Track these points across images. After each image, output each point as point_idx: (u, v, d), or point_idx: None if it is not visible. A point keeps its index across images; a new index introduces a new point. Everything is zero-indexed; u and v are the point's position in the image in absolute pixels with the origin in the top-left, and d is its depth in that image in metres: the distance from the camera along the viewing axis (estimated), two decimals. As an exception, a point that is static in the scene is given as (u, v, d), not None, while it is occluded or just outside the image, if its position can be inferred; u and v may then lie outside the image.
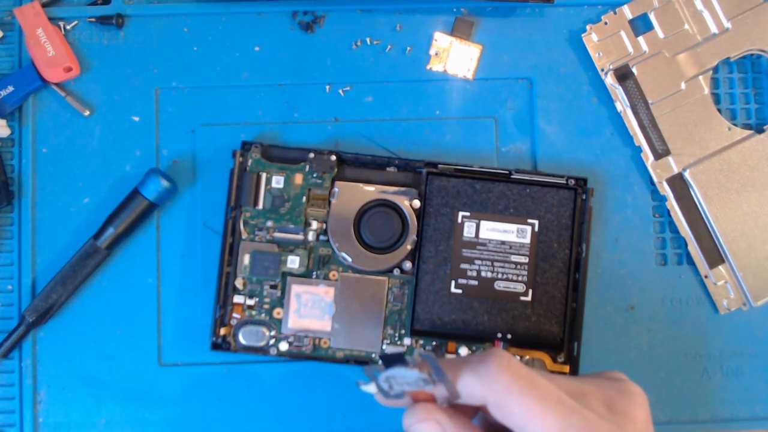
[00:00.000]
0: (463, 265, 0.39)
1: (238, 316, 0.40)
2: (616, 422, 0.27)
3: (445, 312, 0.39)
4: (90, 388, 0.40)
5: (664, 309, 0.42)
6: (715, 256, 0.41)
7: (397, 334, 0.40)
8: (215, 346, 0.39)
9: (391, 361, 0.28)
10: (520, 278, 0.39)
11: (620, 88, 0.42)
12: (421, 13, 0.43)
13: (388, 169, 0.40)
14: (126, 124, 0.42)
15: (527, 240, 0.39)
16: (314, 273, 0.40)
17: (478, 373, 0.27)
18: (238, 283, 0.40)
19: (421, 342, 0.40)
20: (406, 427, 0.29)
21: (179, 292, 0.41)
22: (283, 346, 0.39)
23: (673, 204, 0.42)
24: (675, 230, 0.42)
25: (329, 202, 0.40)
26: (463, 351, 0.39)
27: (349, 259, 0.39)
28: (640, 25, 0.42)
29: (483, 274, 0.39)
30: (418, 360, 0.28)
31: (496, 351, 0.28)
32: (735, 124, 0.42)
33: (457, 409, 0.29)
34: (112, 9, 0.42)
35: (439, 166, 0.40)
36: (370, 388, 0.29)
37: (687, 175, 0.41)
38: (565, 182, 0.40)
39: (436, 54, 0.43)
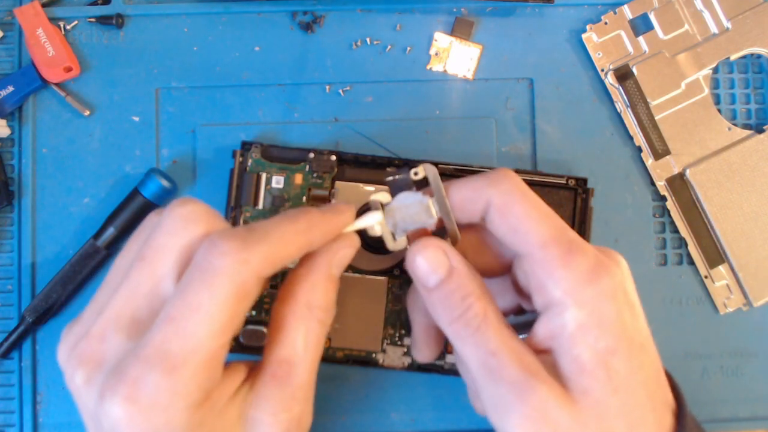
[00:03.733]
0: (463, 265, 0.39)
1: (238, 316, 0.39)
2: (604, 255, 0.28)
3: (445, 312, 0.39)
4: (90, 388, 0.40)
5: (664, 309, 0.42)
6: (715, 256, 0.41)
7: (397, 334, 0.40)
8: (215, 346, 0.39)
9: (396, 183, 0.30)
10: (520, 278, 0.39)
11: (620, 88, 0.42)
12: (421, 13, 0.43)
13: (388, 169, 0.40)
14: (126, 124, 0.42)
15: (527, 240, 0.39)
16: (314, 273, 0.40)
17: (485, 174, 0.29)
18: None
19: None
20: (409, 259, 0.29)
21: (179, 292, 0.41)
22: (283, 346, 0.39)
23: (673, 204, 0.42)
24: (675, 230, 0.42)
25: (329, 202, 0.40)
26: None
27: (349, 259, 0.39)
28: (640, 25, 0.42)
29: (483, 274, 0.39)
30: (421, 172, 0.30)
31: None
32: (735, 124, 0.42)
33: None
34: (112, 9, 0.42)
35: (439, 166, 0.40)
36: (377, 227, 0.30)
37: (687, 175, 0.41)
38: (565, 182, 0.40)
39: (436, 54, 0.43)
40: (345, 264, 0.29)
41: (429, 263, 0.29)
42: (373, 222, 0.30)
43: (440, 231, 0.30)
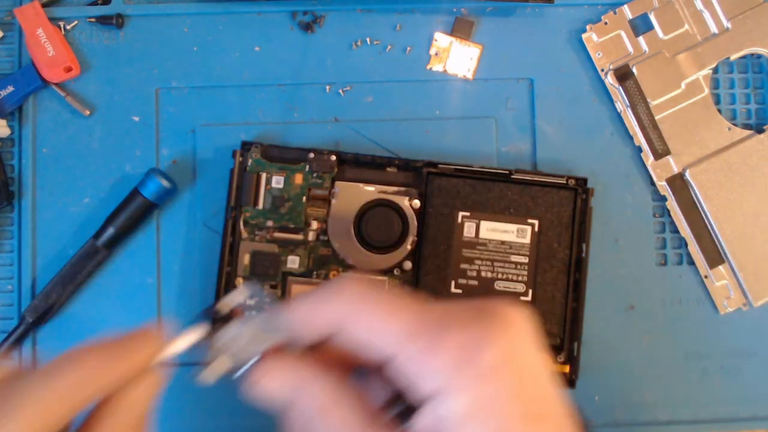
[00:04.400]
0: (463, 265, 0.39)
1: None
2: (481, 322, 0.24)
3: (445, 312, 0.39)
4: (90, 388, 0.40)
5: (664, 309, 0.42)
6: (715, 256, 0.41)
7: (397, 334, 0.40)
8: (215, 346, 0.39)
9: (214, 317, 0.26)
10: (520, 278, 0.39)
11: (620, 88, 0.42)
12: (421, 13, 0.43)
13: (388, 169, 0.40)
14: (126, 124, 0.42)
15: (527, 240, 0.39)
16: (314, 273, 0.40)
17: (327, 287, 0.26)
18: (238, 283, 0.40)
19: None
20: (252, 387, 0.26)
21: (179, 292, 0.41)
22: (283, 346, 0.39)
23: (673, 204, 0.42)
24: (675, 230, 0.42)
25: (329, 202, 0.40)
26: (463, 351, 0.39)
27: (349, 259, 0.39)
28: (640, 25, 0.42)
29: (483, 274, 0.39)
30: (238, 295, 0.27)
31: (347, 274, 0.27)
32: (735, 124, 0.42)
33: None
34: (112, 9, 0.42)
35: (439, 166, 0.40)
36: (219, 367, 0.26)
37: (687, 175, 0.41)
38: (565, 182, 0.40)
39: (436, 54, 0.43)
40: (146, 405, 0.24)
41: (273, 388, 0.26)
42: (192, 340, 0.26)
43: (291, 345, 0.27)
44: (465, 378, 0.23)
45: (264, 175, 0.40)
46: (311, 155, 0.40)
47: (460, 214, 0.39)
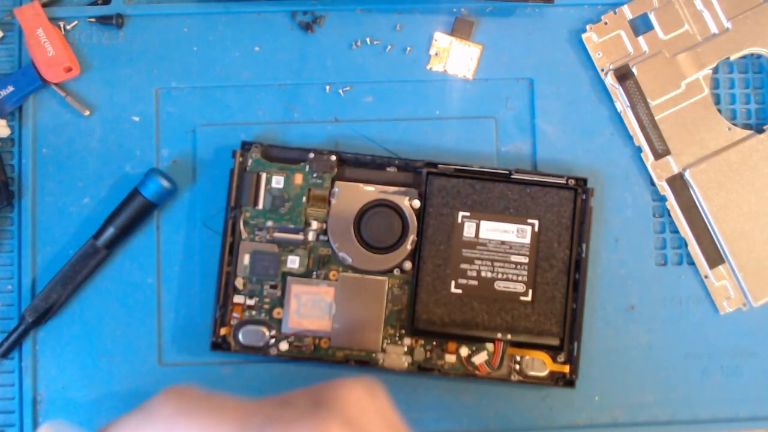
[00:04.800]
0: (463, 265, 0.39)
1: (238, 316, 0.40)
2: (315, 412, 0.23)
3: (445, 312, 0.39)
4: (90, 388, 0.40)
5: (664, 309, 0.42)
6: (715, 256, 0.41)
7: (397, 334, 0.40)
8: (215, 346, 0.39)
9: None
10: (520, 278, 0.39)
11: (620, 88, 0.42)
12: (421, 13, 0.43)
13: (388, 169, 0.40)
14: (126, 124, 0.42)
15: (527, 240, 0.39)
16: (314, 273, 0.40)
17: (143, 408, 0.25)
18: (238, 283, 0.40)
19: (421, 342, 0.40)
20: None
21: (179, 292, 0.41)
22: (283, 346, 0.39)
23: (673, 204, 0.42)
24: (675, 230, 0.42)
25: (329, 202, 0.40)
26: (464, 351, 0.39)
27: (349, 259, 0.39)
28: (640, 25, 0.42)
29: (483, 274, 0.39)
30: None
31: (169, 387, 0.26)
32: (735, 124, 0.42)
33: None
34: (112, 9, 0.42)
35: (439, 166, 0.40)
36: None
37: (687, 175, 0.41)
38: (565, 182, 0.40)
39: (436, 54, 0.43)
40: None
41: None
42: None
43: None
44: None
45: (264, 175, 0.40)
46: (311, 155, 0.40)
47: (460, 214, 0.39)
